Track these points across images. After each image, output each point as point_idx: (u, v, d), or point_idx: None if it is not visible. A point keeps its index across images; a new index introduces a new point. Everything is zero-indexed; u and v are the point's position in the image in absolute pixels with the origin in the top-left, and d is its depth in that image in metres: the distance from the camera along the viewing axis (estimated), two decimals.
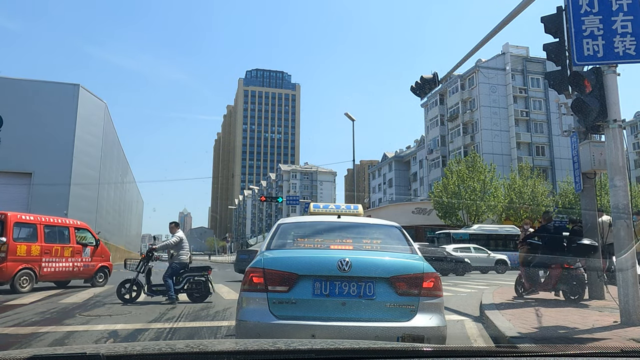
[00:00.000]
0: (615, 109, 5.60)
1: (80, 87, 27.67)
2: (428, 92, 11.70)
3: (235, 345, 1.66)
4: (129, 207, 56.22)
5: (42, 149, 25.45)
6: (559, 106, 9.54)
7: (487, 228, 31.00)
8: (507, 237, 29.63)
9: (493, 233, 30.20)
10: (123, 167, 46.21)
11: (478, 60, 52.37)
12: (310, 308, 3.44)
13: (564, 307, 7.51)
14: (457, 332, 5.90)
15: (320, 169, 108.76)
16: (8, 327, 6.11)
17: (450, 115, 55.50)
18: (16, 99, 25.82)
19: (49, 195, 25.10)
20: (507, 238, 29.52)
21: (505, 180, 39.26)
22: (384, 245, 4.17)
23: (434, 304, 3.57)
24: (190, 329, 6.12)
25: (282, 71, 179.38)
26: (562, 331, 5.35)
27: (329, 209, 5.35)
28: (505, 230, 30.74)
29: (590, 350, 1.54)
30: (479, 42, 9.40)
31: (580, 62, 5.69)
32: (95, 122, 30.18)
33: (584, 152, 8.25)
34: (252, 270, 3.63)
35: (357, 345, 1.67)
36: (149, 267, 9.21)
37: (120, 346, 1.56)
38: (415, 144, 74.23)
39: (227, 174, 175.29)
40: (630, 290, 5.36)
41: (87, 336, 5.58)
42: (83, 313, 7.51)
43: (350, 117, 27.31)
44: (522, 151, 51.00)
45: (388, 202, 67.51)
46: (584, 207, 8.87)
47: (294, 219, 4.87)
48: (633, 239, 5.57)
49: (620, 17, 5.59)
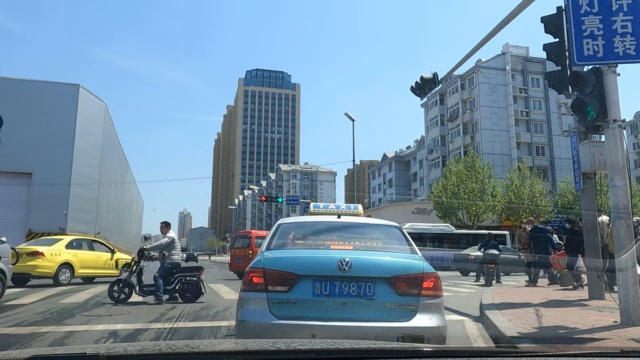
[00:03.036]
0: (615, 109, 5.59)
1: (80, 87, 27.66)
2: (428, 92, 11.70)
3: (235, 346, 1.66)
4: (129, 207, 56.18)
5: (42, 149, 25.44)
6: (559, 106, 9.56)
7: (419, 227, 29.91)
8: (440, 236, 28.85)
9: (426, 232, 29.20)
10: (123, 167, 46.18)
11: (478, 60, 52.36)
12: (310, 308, 3.43)
13: (564, 307, 7.51)
14: (457, 332, 5.90)
15: (320, 169, 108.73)
16: (8, 327, 6.11)
17: (450, 115, 55.49)
18: (16, 99, 25.83)
19: (49, 195, 25.11)
20: (441, 237, 28.74)
21: (503, 180, 39.27)
22: (384, 245, 4.18)
23: (434, 304, 3.57)
24: (190, 329, 6.12)
25: (282, 71, 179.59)
26: (562, 331, 5.35)
27: (329, 209, 5.36)
28: (439, 229, 30.01)
29: (590, 350, 1.54)
30: (479, 42, 9.40)
31: (580, 62, 5.69)
32: (96, 122, 30.17)
33: (584, 152, 8.25)
34: (252, 270, 3.63)
35: (357, 346, 1.67)
36: (140, 267, 9.21)
37: (120, 346, 1.56)
38: (415, 144, 74.20)
39: (227, 174, 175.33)
40: (630, 290, 5.36)
41: (87, 336, 5.57)
42: (83, 313, 7.50)
43: (350, 117, 27.31)
44: (522, 151, 50.98)
45: (388, 202, 67.50)
46: (584, 207, 8.87)
47: (294, 219, 4.87)
48: (633, 239, 5.57)
49: (620, 17, 5.59)
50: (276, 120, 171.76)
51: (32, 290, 11.16)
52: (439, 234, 29.13)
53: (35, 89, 26.87)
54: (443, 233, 29.23)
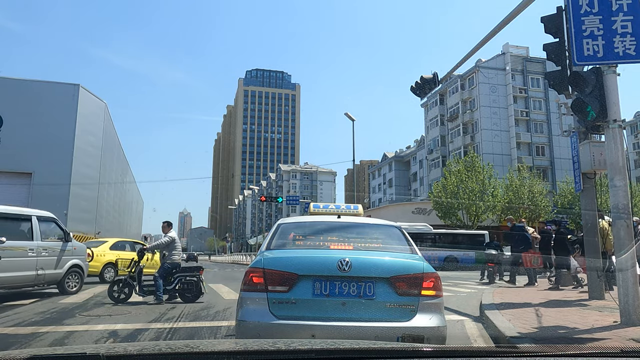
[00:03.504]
0: (615, 109, 5.59)
1: (80, 87, 27.67)
2: (428, 92, 11.70)
3: (235, 346, 1.66)
4: (129, 207, 56.19)
5: (42, 149, 25.45)
6: (559, 106, 9.56)
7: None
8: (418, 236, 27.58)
9: None
10: (123, 167, 46.19)
11: (478, 60, 52.37)
12: (310, 308, 3.43)
13: (564, 307, 7.51)
14: (457, 332, 5.90)
15: (320, 169, 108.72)
16: (8, 327, 6.11)
17: (450, 115, 55.50)
18: (16, 99, 25.84)
19: (49, 195, 25.09)
20: (419, 236, 27.63)
21: (503, 181, 39.28)
22: (384, 245, 4.17)
23: (434, 304, 3.57)
24: (190, 329, 6.12)
25: (282, 71, 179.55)
26: (562, 331, 5.35)
27: (329, 209, 5.36)
28: (416, 228, 29.28)
29: (590, 350, 1.54)
30: (479, 42, 9.39)
31: (580, 62, 5.69)
32: (96, 122, 30.19)
33: (584, 152, 8.25)
34: (252, 270, 3.63)
35: (357, 345, 1.67)
36: (140, 267, 9.21)
37: (120, 346, 1.56)
38: (415, 144, 74.20)
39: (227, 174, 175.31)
40: (630, 290, 5.36)
41: (87, 336, 5.58)
42: (83, 313, 7.50)
43: (350, 117, 27.32)
44: (522, 151, 50.99)
45: (388, 202, 67.49)
46: (584, 207, 8.87)
47: (294, 219, 4.86)
48: (633, 239, 5.57)
49: (620, 17, 5.59)
50: (276, 120, 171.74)
51: (32, 290, 11.16)
52: (416, 234, 28.88)
53: (35, 89, 26.88)
54: (420, 232, 29.02)
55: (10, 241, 9.13)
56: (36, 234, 9.87)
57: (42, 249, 9.97)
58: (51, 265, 10.15)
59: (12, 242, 9.27)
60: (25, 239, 9.67)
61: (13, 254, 9.19)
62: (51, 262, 10.17)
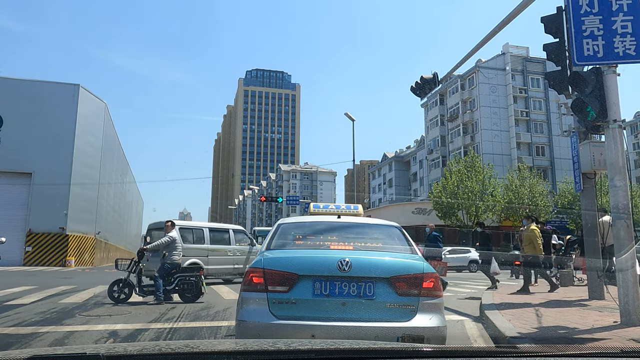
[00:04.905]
0: (615, 109, 5.59)
1: (80, 87, 27.69)
2: (428, 92, 11.70)
3: (235, 346, 1.66)
4: (129, 207, 56.21)
5: (42, 149, 25.46)
6: (559, 106, 9.55)
7: None
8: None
9: None
10: (123, 167, 46.21)
11: (478, 61, 52.37)
12: (310, 308, 3.43)
13: (564, 307, 7.51)
14: (457, 332, 5.90)
15: (320, 169, 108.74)
16: (8, 327, 6.10)
17: (450, 115, 55.50)
18: (16, 99, 25.85)
19: (49, 195, 25.12)
20: None
21: (503, 181, 39.29)
22: (384, 246, 4.17)
23: (434, 304, 3.57)
24: (190, 329, 6.12)
25: (282, 71, 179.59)
26: (562, 331, 5.35)
27: (329, 209, 5.36)
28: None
29: (590, 351, 1.54)
30: (479, 42, 9.40)
31: (580, 62, 5.69)
32: (95, 122, 30.19)
33: (584, 152, 8.25)
34: (252, 270, 3.63)
35: (357, 346, 1.67)
36: (140, 267, 9.20)
37: (120, 346, 1.56)
38: (415, 144, 74.22)
39: (227, 174, 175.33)
40: (630, 290, 5.36)
41: (87, 336, 5.57)
42: (83, 313, 7.50)
43: (350, 117, 27.33)
44: (522, 151, 50.98)
45: (388, 202, 67.51)
46: (584, 207, 8.87)
47: (294, 219, 4.86)
48: (633, 239, 5.57)
49: (620, 17, 5.59)
50: (276, 120, 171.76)
51: (32, 290, 11.16)
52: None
53: (36, 89, 26.87)
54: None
55: (215, 245, 14.14)
56: (232, 240, 14.80)
57: (237, 251, 14.71)
58: (242, 262, 14.54)
59: (217, 245, 14.21)
60: (225, 244, 14.55)
61: (218, 253, 14.12)
62: (242, 259, 14.62)
